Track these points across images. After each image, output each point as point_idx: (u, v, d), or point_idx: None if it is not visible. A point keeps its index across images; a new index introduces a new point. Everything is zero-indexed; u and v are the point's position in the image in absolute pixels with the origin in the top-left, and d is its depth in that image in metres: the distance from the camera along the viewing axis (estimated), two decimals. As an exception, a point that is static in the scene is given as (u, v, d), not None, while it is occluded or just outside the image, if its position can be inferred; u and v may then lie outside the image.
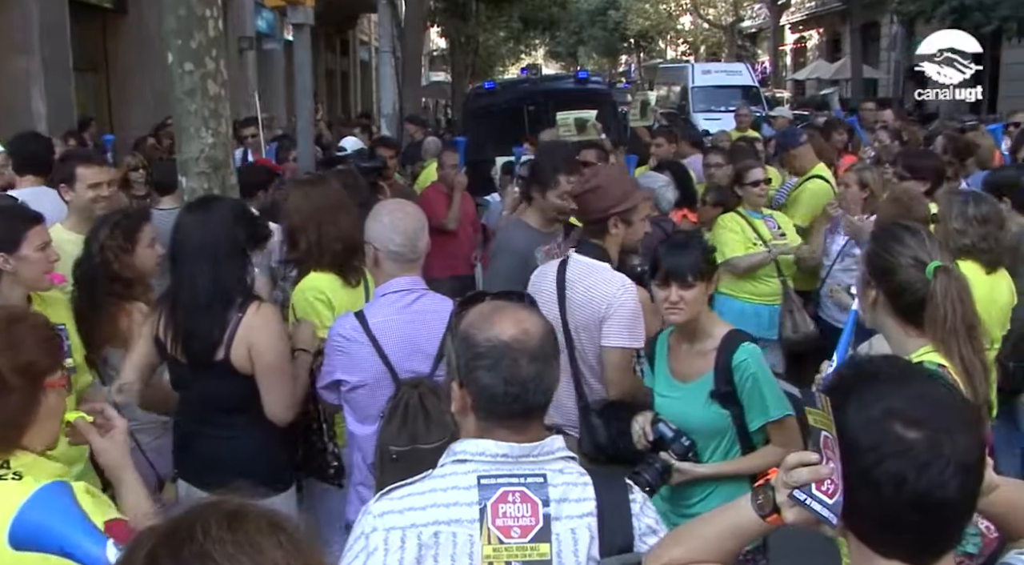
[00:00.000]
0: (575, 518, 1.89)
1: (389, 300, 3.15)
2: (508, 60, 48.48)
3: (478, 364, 1.90)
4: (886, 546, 1.41)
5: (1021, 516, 1.65)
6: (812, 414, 1.47)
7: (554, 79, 16.39)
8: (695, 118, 21.20)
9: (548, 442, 1.94)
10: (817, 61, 39.48)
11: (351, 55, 32.52)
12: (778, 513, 1.54)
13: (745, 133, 10.69)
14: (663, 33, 53.78)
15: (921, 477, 1.33)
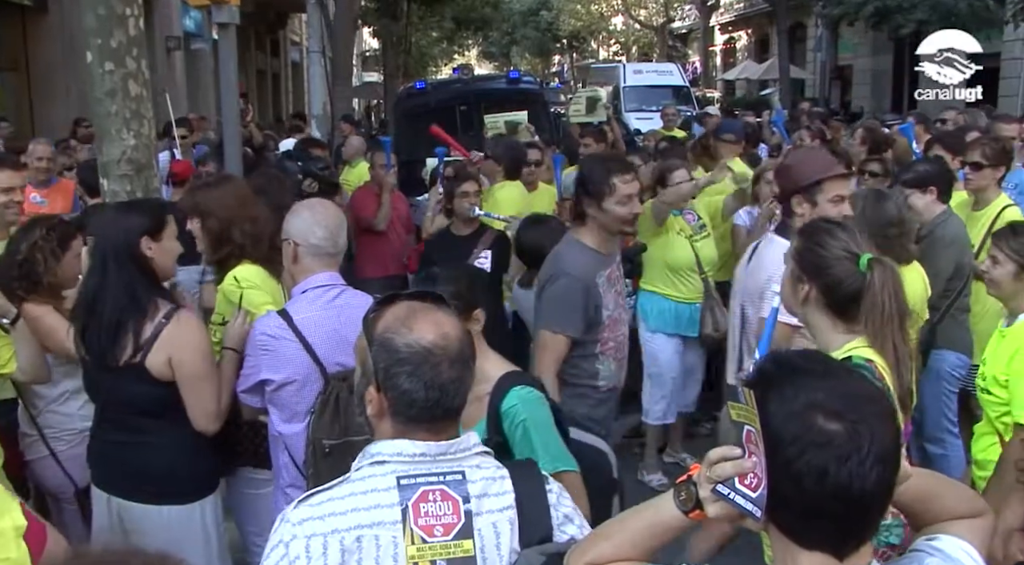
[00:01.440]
0: (496, 512, 1.90)
1: (311, 296, 3.15)
2: (441, 60, 48.31)
3: (399, 370, 1.88)
4: (808, 538, 1.43)
5: (930, 506, 1.68)
6: (735, 408, 1.48)
7: (486, 79, 16.38)
8: (627, 118, 21.39)
9: (464, 439, 1.95)
10: (746, 62, 40.13)
11: (282, 55, 32.12)
12: (701, 509, 1.55)
13: (672, 132, 10.80)
14: (595, 33, 54.15)
15: (842, 468, 1.35)
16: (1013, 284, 3.34)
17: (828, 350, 2.56)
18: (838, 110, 30.51)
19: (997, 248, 3.37)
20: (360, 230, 7.50)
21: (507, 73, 14.16)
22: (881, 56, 32.33)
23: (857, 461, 1.36)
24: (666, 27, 47.77)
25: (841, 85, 35.62)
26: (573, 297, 3.78)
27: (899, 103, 29.39)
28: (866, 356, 2.56)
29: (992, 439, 3.34)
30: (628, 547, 1.65)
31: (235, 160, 6.40)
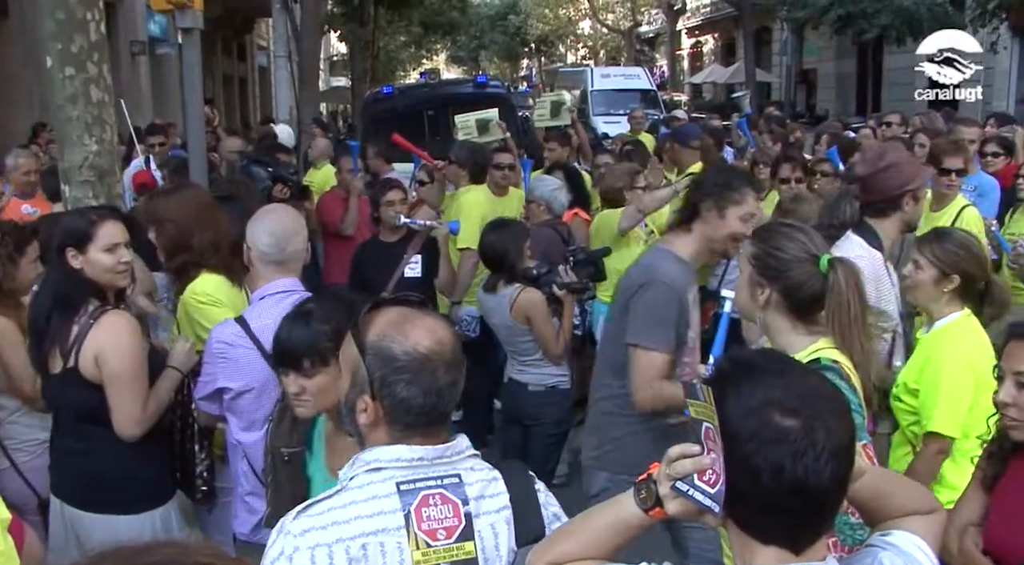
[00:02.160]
0: (493, 513, 1.92)
1: (269, 302, 3.13)
2: (410, 65, 48.25)
3: (397, 378, 1.86)
4: (765, 533, 1.46)
5: (884, 503, 1.70)
6: (694, 406, 1.49)
7: (453, 83, 16.32)
8: (595, 121, 21.47)
9: (457, 442, 1.96)
10: (713, 65, 40.47)
11: (249, 60, 31.92)
12: (661, 506, 1.56)
13: (638, 136, 10.86)
14: (563, 37, 54.35)
15: (797, 464, 1.38)
16: (933, 290, 3.31)
17: (791, 352, 2.56)
18: (803, 113, 30.82)
19: (920, 253, 3.34)
20: (327, 235, 7.47)
21: (474, 77, 14.16)
22: (845, 60, 32.71)
23: (812, 457, 1.38)
24: (633, 31, 48.01)
25: (807, 88, 36.00)
26: (668, 309, 3.37)
27: (863, 106, 29.75)
28: (832, 357, 2.56)
29: (906, 449, 3.37)
30: (590, 545, 1.66)
31: (200, 166, 6.34)
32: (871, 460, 2.51)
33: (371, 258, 5.66)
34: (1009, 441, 2.51)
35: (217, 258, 3.70)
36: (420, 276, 5.52)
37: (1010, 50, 22.67)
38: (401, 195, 5.72)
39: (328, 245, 7.52)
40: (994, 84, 24.29)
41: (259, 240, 3.16)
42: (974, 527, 2.54)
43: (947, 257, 3.26)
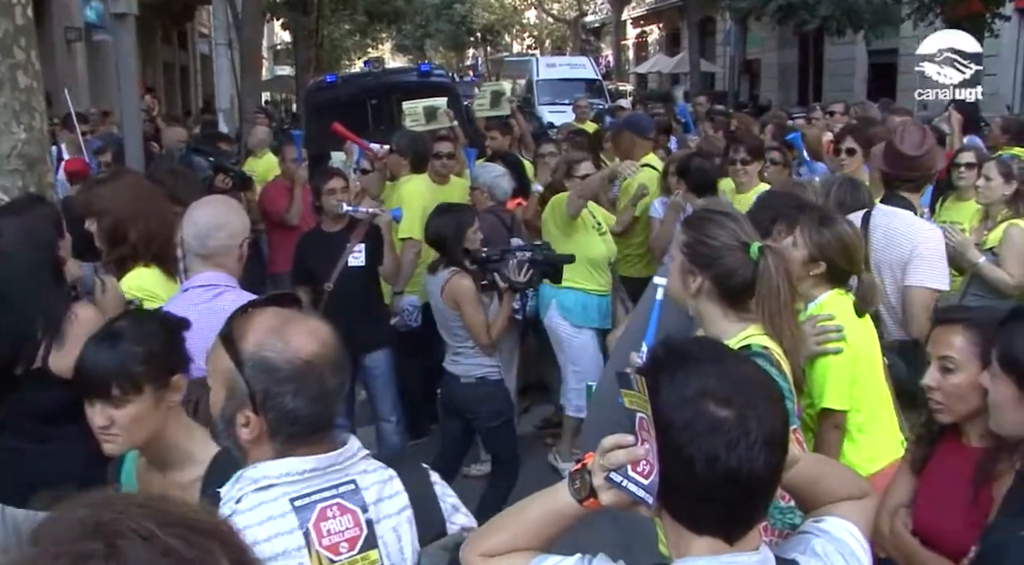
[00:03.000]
0: (394, 516, 1.86)
1: (190, 295, 3.09)
2: (354, 53, 47.79)
3: (282, 389, 1.75)
4: (699, 523, 1.46)
5: (817, 489, 1.71)
6: (628, 396, 1.48)
7: (397, 72, 16.19)
8: (540, 111, 21.46)
9: (349, 446, 1.87)
10: (658, 55, 40.65)
11: (190, 48, 31.44)
12: (595, 497, 1.55)
13: (583, 125, 10.87)
14: (509, 27, 54.22)
15: (731, 454, 1.38)
16: (800, 269, 3.31)
17: (723, 339, 2.58)
18: (747, 103, 31.13)
19: (800, 230, 3.36)
20: (272, 225, 7.38)
21: (418, 66, 14.07)
22: (787, 50, 33.08)
23: (745, 446, 1.38)
24: (579, 21, 48.09)
25: (750, 78, 36.33)
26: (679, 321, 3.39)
27: (805, 96, 30.13)
28: (763, 343, 2.59)
29: (808, 435, 3.36)
30: (523, 536, 1.65)
31: (136, 155, 6.22)
32: (800, 445, 2.54)
33: (314, 248, 5.61)
34: (937, 424, 2.56)
35: (151, 250, 3.63)
36: (364, 265, 5.49)
37: (946, 42, 23.10)
38: (343, 183, 5.68)
39: (273, 235, 7.44)
40: (931, 75, 24.77)
41: (185, 232, 3.14)
42: (904, 509, 2.58)
43: (821, 242, 3.28)
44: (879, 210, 4.16)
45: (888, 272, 4.02)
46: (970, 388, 2.29)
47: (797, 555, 1.59)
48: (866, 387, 3.24)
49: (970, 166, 5.55)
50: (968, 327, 2.43)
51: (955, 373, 2.44)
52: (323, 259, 5.47)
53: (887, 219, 4.11)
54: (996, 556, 1.76)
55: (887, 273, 4.01)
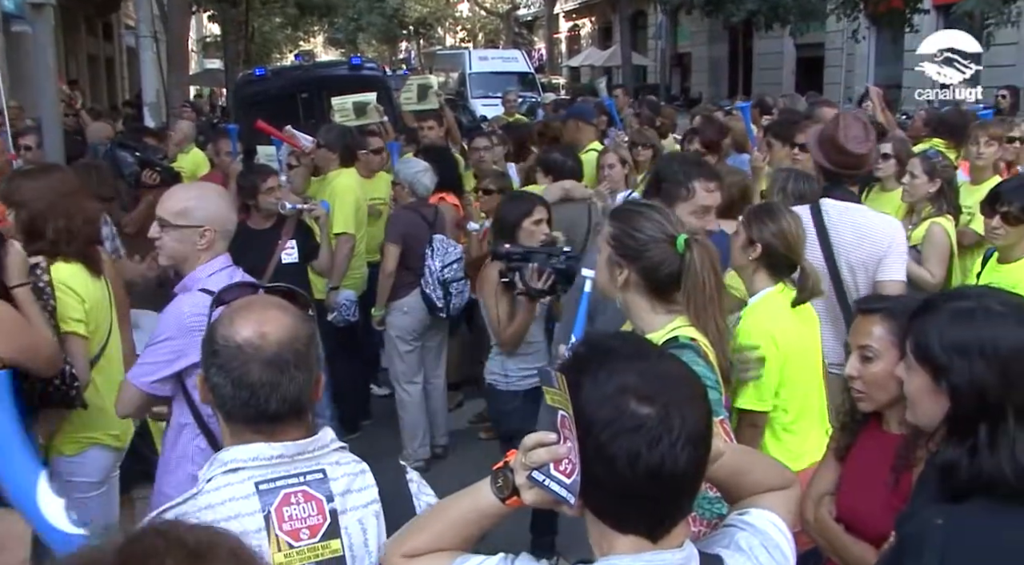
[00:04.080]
0: (361, 508, 1.88)
1: (226, 275, 3.12)
2: (286, 47, 47.17)
3: (211, 362, 1.86)
4: (623, 521, 1.45)
5: (742, 481, 1.71)
6: (549, 393, 1.46)
7: (327, 66, 16.07)
8: (473, 104, 21.44)
9: (321, 436, 1.91)
10: (590, 48, 40.93)
11: (115, 40, 30.64)
12: (518, 495, 1.53)
13: (513, 118, 10.88)
14: (442, 20, 53.99)
15: (653, 451, 1.36)
16: (740, 254, 3.39)
17: (650, 331, 2.60)
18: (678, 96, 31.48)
19: (743, 221, 3.41)
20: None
21: (349, 59, 13.94)
22: (717, 44, 33.55)
23: (668, 443, 1.37)
24: (512, 14, 48.10)
25: (681, 72, 36.78)
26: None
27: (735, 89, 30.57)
28: (690, 335, 2.60)
29: None
30: (446, 536, 1.63)
31: (56, 150, 6.04)
32: (728, 435, 2.57)
33: (244, 246, 5.49)
34: (859, 412, 2.61)
35: (73, 247, 3.56)
36: (297, 261, 5.42)
37: (868, 39, 23.63)
38: (278, 181, 5.61)
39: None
40: (855, 69, 25.35)
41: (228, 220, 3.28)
42: (828, 496, 2.63)
43: (758, 227, 3.33)
44: (831, 205, 4.10)
45: (862, 269, 3.98)
46: (889, 377, 2.32)
47: (721, 550, 1.59)
48: (796, 388, 3.28)
49: (885, 157, 5.65)
50: (886, 317, 2.48)
51: (874, 362, 2.48)
52: (255, 257, 5.39)
53: (851, 215, 4.06)
54: (915, 544, 1.79)
55: (860, 270, 3.97)
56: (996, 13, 15.64)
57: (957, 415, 1.81)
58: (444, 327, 6.07)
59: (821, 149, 4.30)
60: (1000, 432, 1.75)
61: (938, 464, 1.85)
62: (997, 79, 17.03)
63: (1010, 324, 1.80)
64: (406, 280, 5.73)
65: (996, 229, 4.05)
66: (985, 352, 1.77)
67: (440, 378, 6.14)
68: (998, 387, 1.76)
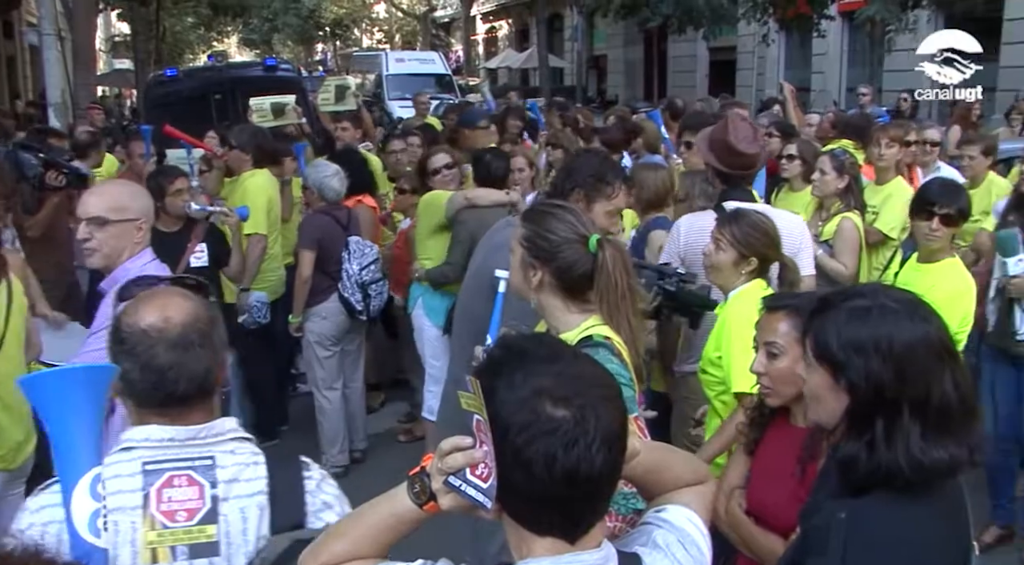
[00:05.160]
0: (244, 497, 1.90)
1: (157, 264, 3.26)
2: (199, 47, 46.27)
3: (119, 349, 1.92)
4: (540, 524, 1.45)
5: (659, 477, 1.73)
6: (464, 398, 1.46)
7: (241, 66, 15.82)
8: (390, 106, 21.34)
9: (217, 424, 1.95)
10: (507, 50, 41.09)
11: (17, 38, 29.63)
12: (435, 501, 1.53)
13: (425, 119, 10.87)
14: (358, 21, 53.59)
15: (570, 454, 1.37)
16: (732, 271, 3.44)
17: (564, 330, 2.62)
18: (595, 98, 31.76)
19: (720, 233, 3.45)
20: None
21: (263, 60, 13.74)
22: (633, 47, 33.97)
23: (584, 445, 1.37)
24: (428, 16, 47.98)
25: (597, 74, 37.13)
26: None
27: (650, 91, 31.02)
28: (604, 333, 2.61)
29: (717, 422, 3.49)
30: (363, 544, 1.61)
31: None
32: (642, 432, 2.61)
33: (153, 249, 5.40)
34: (767, 407, 2.68)
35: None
36: (207, 265, 5.31)
37: (779, 43, 24.21)
38: (187, 183, 5.49)
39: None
40: (766, 73, 25.94)
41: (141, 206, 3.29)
42: (739, 490, 2.69)
43: (746, 239, 3.38)
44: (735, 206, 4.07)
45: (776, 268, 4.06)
46: (794, 372, 2.36)
47: (639, 548, 1.59)
48: None
49: (791, 157, 5.82)
50: (791, 313, 2.55)
51: (780, 358, 2.55)
52: (164, 260, 5.28)
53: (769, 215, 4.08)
54: (819, 538, 1.83)
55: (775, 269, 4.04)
56: (895, 20, 16.18)
57: (855, 411, 1.83)
58: (363, 330, 6.04)
59: (713, 152, 4.33)
60: (896, 427, 1.78)
61: (838, 459, 1.88)
62: (898, 83, 17.69)
63: (904, 321, 1.82)
64: (323, 285, 5.67)
65: (935, 231, 4.05)
66: (880, 349, 1.80)
67: (358, 382, 6.11)
68: (893, 383, 1.79)
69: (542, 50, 29.62)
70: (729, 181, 4.34)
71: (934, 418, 1.78)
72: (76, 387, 1.93)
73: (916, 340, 1.81)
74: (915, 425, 1.78)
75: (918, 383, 1.79)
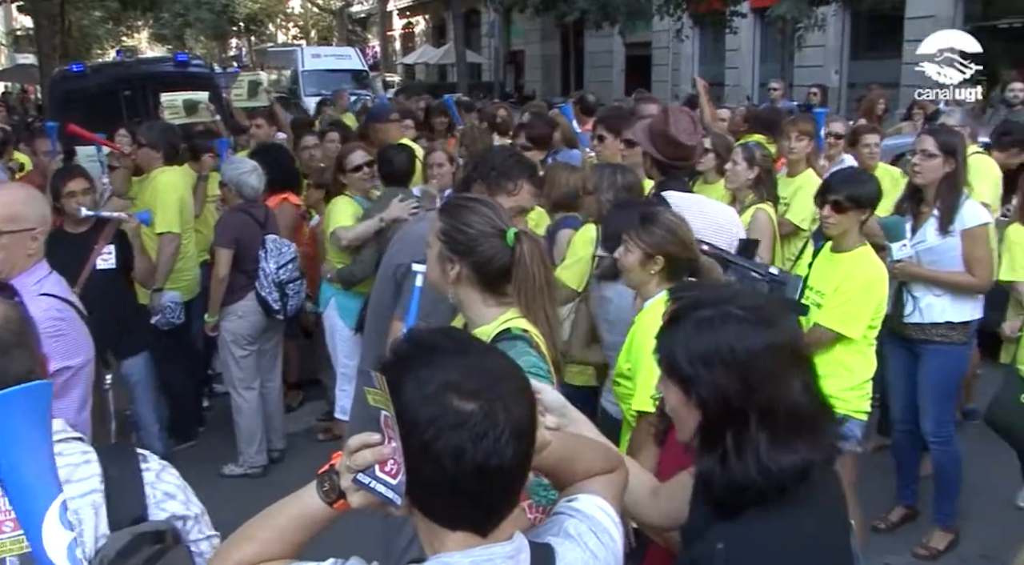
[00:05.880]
0: (76, 498, 1.82)
1: (55, 278, 3.09)
2: (107, 42, 45.09)
3: None
4: (451, 519, 1.45)
5: (570, 466, 1.73)
6: (371, 394, 1.44)
7: (152, 62, 15.46)
8: (306, 102, 21.11)
9: None
10: (424, 46, 40.91)
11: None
12: (345, 499, 1.51)
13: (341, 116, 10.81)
14: (273, 16, 52.81)
15: (479, 447, 1.36)
16: (641, 272, 3.41)
17: (482, 324, 2.63)
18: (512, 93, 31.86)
19: (627, 236, 3.43)
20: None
21: (174, 56, 13.47)
22: (550, 42, 34.14)
23: (493, 438, 1.37)
24: (345, 11, 47.50)
25: (515, 69, 37.23)
26: None
27: (567, 86, 31.23)
28: (522, 326, 2.62)
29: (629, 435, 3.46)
30: (273, 545, 1.58)
31: None
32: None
33: (58, 250, 5.21)
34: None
35: None
36: (115, 267, 5.17)
37: (693, 38, 24.60)
38: (84, 184, 5.21)
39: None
40: (680, 68, 26.32)
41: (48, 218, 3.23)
42: None
43: (652, 240, 3.35)
44: (678, 197, 4.03)
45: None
46: None
47: (551, 538, 1.60)
48: None
49: (706, 151, 5.92)
50: None
51: None
52: (69, 262, 5.13)
53: (699, 206, 4.04)
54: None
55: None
56: (804, 17, 16.60)
57: (706, 425, 1.79)
58: (280, 329, 5.97)
59: (653, 143, 4.35)
60: (745, 438, 1.74)
61: (696, 476, 1.86)
62: (808, 78, 18.15)
63: (746, 328, 1.77)
64: (240, 283, 5.58)
65: (827, 218, 4.13)
66: (724, 359, 1.75)
67: (276, 381, 6.03)
68: (740, 392, 1.74)
69: (459, 46, 29.57)
70: (667, 171, 4.36)
71: (783, 424, 1.74)
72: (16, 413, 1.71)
73: (760, 347, 1.76)
74: (763, 433, 1.74)
75: (764, 390, 1.74)
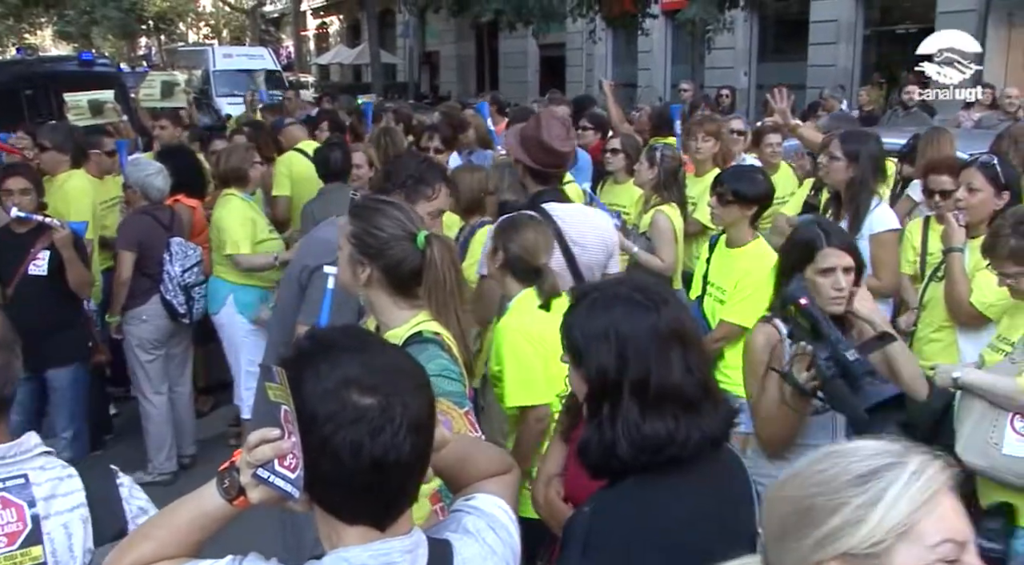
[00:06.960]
0: (66, 513, 1.84)
1: None
2: (8, 39, 43.63)
3: None
4: (350, 513, 1.46)
5: (466, 467, 1.78)
6: (271, 389, 1.46)
7: (55, 61, 14.99)
8: (218, 102, 20.76)
9: (24, 440, 1.86)
10: (339, 46, 40.49)
11: None
12: (245, 495, 1.52)
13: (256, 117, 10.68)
14: (183, 15, 51.66)
15: (376, 441, 1.38)
16: (494, 267, 3.54)
17: (394, 326, 2.65)
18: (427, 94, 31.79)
19: (492, 236, 3.56)
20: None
21: (79, 54, 13.11)
22: (465, 43, 34.15)
23: (391, 433, 1.39)
24: (257, 10, 46.75)
25: (430, 70, 37.12)
26: None
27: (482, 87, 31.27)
28: (434, 329, 2.64)
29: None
30: (171, 544, 1.58)
31: None
32: (473, 427, 2.63)
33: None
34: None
35: None
36: (45, 274, 5.00)
37: (606, 40, 24.86)
38: (23, 184, 5.03)
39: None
40: (594, 69, 26.59)
41: None
42: (557, 477, 2.74)
43: (503, 238, 3.49)
44: (557, 208, 4.04)
45: (598, 268, 4.05)
46: None
47: (449, 534, 1.63)
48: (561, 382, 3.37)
49: (615, 152, 6.04)
50: None
51: None
52: (6, 262, 5.01)
53: (579, 216, 4.12)
54: (566, 536, 1.94)
55: (597, 269, 4.05)
56: (714, 20, 16.94)
57: (590, 398, 1.97)
58: (188, 333, 5.87)
59: (526, 150, 4.22)
60: (619, 408, 1.92)
61: (578, 446, 2.00)
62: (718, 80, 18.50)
63: (630, 308, 1.97)
64: (144, 287, 5.48)
65: (713, 210, 4.31)
66: (608, 336, 1.94)
67: (185, 386, 5.94)
68: (616, 366, 1.92)
69: (374, 46, 29.37)
70: (542, 179, 4.23)
71: (654, 397, 1.91)
72: None
73: (640, 326, 1.94)
74: (634, 404, 1.91)
75: (639, 366, 1.92)
